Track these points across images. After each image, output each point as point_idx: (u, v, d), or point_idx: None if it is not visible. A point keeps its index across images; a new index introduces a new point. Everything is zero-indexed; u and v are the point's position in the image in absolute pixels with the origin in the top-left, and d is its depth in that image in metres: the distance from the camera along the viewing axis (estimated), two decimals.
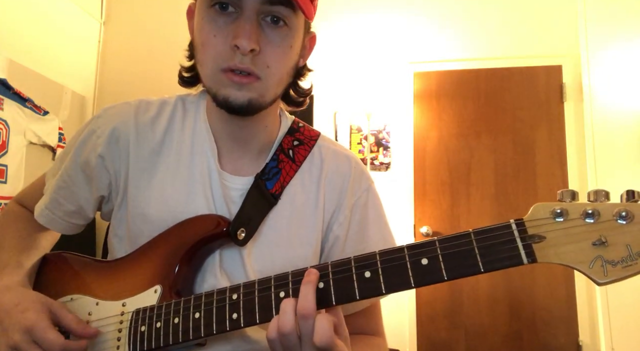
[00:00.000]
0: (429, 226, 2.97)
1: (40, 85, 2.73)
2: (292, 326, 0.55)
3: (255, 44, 0.65)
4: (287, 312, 0.56)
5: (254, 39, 0.65)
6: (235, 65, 0.66)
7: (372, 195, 0.83)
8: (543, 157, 2.91)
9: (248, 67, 0.66)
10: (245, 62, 0.66)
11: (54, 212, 0.81)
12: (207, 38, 0.68)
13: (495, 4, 3.06)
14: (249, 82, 0.67)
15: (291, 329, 0.55)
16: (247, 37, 0.64)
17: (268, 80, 0.69)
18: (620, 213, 0.45)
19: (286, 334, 0.55)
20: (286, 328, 0.55)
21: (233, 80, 0.67)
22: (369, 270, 0.56)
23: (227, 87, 0.67)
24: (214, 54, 0.67)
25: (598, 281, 0.46)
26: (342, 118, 3.14)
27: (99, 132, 0.78)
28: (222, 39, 0.66)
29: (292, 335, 0.55)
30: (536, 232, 0.49)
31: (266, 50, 0.67)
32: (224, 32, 0.66)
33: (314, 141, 0.83)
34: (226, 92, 0.68)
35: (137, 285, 0.72)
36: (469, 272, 0.51)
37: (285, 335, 0.56)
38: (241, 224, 0.71)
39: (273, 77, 0.69)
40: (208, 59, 0.68)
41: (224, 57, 0.66)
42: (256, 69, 0.67)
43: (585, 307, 2.73)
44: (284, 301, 0.57)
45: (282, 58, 0.69)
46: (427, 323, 2.91)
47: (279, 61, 0.69)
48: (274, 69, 0.68)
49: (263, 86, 0.69)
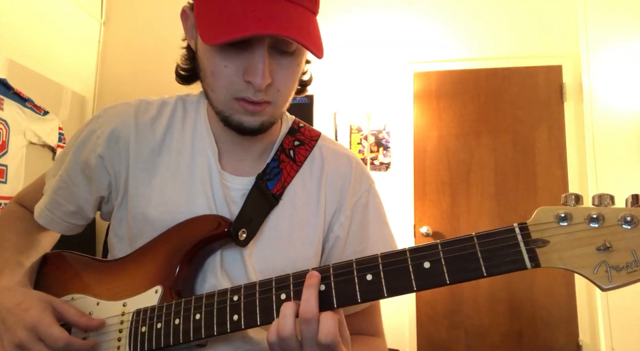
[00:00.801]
0: (429, 226, 2.97)
1: (40, 85, 2.72)
2: (291, 330, 0.56)
3: (268, 79, 0.65)
4: (286, 316, 0.56)
5: (267, 75, 0.65)
6: (249, 98, 0.67)
7: (373, 196, 0.83)
8: (543, 157, 2.91)
9: (261, 99, 0.67)
10: (259, 96, 0.66)
11: (53, 212, 0.81)
12: (217, 68, 0.67)
13: (495, 4, 3.06)
14: (262, 108, 0.68)
15: (291, 333, 0.55)
16: (260, 75, 0.64)
17: (279, 102, 0.70)
18: (626, 217, 0.45)
19: (286, 338, 0.56)
20: (286, 332, 0.56)
21: (247, 108, 0.68)
22: (371, 272, 0.56)
23: (241, 114, 0.69)
24: (226, 84, 0.67)
25: (602, 287, 0.45)
26: (342, 118, 3.14)
27: (99, 132, 0.78)
28: (233, 70, 0.66)
29: (291, 339, 0.56)
30: (540, 236, 0.49)
31: (277, 77, 0.67)
32: (235, 63, 0.65)
33: (315, 141, 0.83)
34: (240, 118, 0.69)
35: (137, 285, 0.72)
36: (472, 276, 0.51)
37: (284, 339, 0.56)
38: (242, 224, 0.71)
39: (283, 99, 0.71)
40: (219, 88, 0.68)
41: (237, 88, 0.66)
42: (269, 97, 0.68)
43: (585, 307, 2.73)
44: (284, 305, 0.57)
45: (292, 80, 0.70)
46: (427, 323, 2.91)
47: (289, 83, 0.70)
48: (284, 92, 0.69)
49: (274, 108, 0.70)
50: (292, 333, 0.56)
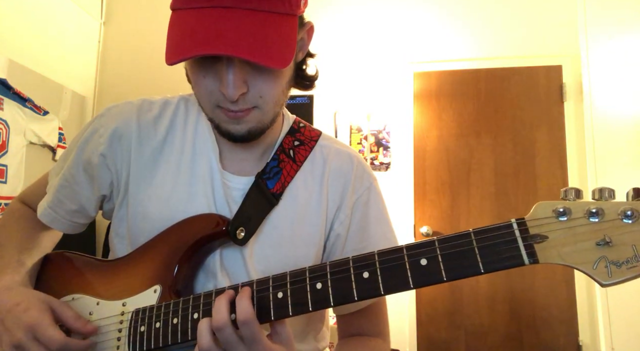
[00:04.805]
0: (429, 226, 2.97)
1: (40, 85, 2.72)
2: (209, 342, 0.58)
3: (241, 88, 0.64)
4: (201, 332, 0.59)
5: (239, 85, 0.63)
6: (228, 108, 0.66)
7: (374, 193, 0.83)
8: (543, 157, 2.91)
9: (240, 109, 0.66)
10: (236, 105, 0.66)
11: (56, 210, 0.81)
12: (197, 78, 0.67)
13: (495, 4, 3.06)
14: (245, 114, 0.67)
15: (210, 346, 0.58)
16: (231, 87, 0.63)
17: (264, 107, 0.68)
18: (626, 212, 0.44)
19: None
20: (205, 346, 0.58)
21: (229, 116, 0.67)
22: (368, 270, 0.56)
23: (226, 123, 0.68)
24: (207, 93, 0.67)
25: (602, 283, 0.44)
26: (342, 118, 3.14)
27: (102, 131, 0.78)
28: (211, 79, 0.65)
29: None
30: (538, 232, 0.48)
31: (256, 84, 0.65)
32: (212, 73, 0.65)
33: (315, 141, 0.83)
34: (226, 127, 0.69)
35: (137, 284, 0.72)
36: (469, 273, 0.51)
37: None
38: (240, 223, 0.71)
39: (268, 104, 0.68)
40: (202, 97, 0.68)
41: (216, 97, 0.66)
42: (249, 104, 0.66)
43: (585, 307, 2.72)
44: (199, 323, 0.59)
45: (274, 84, 0.67)
46: (427, 323, 2.90)
47: (272, 88, 0.67)
48: (267, 97, 0.67)
49: (260, 113, 0.68)
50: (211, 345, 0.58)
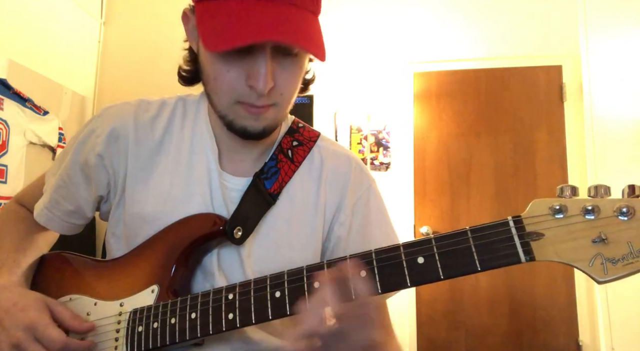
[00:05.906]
0: (429, 226, 2.96)
1: (40, 85, 2.72)
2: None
3: (271, 83, 0.64)
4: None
5: (270, 79, 0.64)
6: (252, 103, 0.66)
7: (374, 194, 0.83)
8: (543, 156, 2.91)
9: (264, 104, 0.66)
10: (262, 100, 0.66)
11: (53, 211, 0.81)
12: (220, 73, 0.66)
13: (495, 4, 3.06)
14: (265, 111, 0.68)
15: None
16: (263, 81, 0.63)
17: (282, 105, 0.69)
18: (621, 209, 0.44)
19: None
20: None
21: (251, 112, 0.67)
22: (365, 269, 0.56)
23: (243, 119, 0.68)
24: (229, 89, 0.66)
25: (598, 280, 0.45)
26: (342, 119, 3.14)
27: (99, 131, 0.78)
28: (236, 75, 0.65)
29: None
30: (534, 229, 0.48)
31: (280, 80, 0.66)
32: (238, 68, 0.64)
33: (313, 142, 0.83)
34: (243, 123, 0.69)
35: (134, 284, 0.72)
36: (466, 271, 0.51)
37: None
38: (238, 223, 0.71)
39: (287, 101, 0.70)
40: (222, 92, 0.67)
41: (240, 93, 0.66)
42: (271, 100, 0.67)
43: (585, 307, 2.72)
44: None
45: (295, 82, 0.69)
46: (427, 323, 2.90)
47: (293, 85, 0.69)
48: (287, 94, 0.69)
49: (277, 111, 0.69)
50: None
